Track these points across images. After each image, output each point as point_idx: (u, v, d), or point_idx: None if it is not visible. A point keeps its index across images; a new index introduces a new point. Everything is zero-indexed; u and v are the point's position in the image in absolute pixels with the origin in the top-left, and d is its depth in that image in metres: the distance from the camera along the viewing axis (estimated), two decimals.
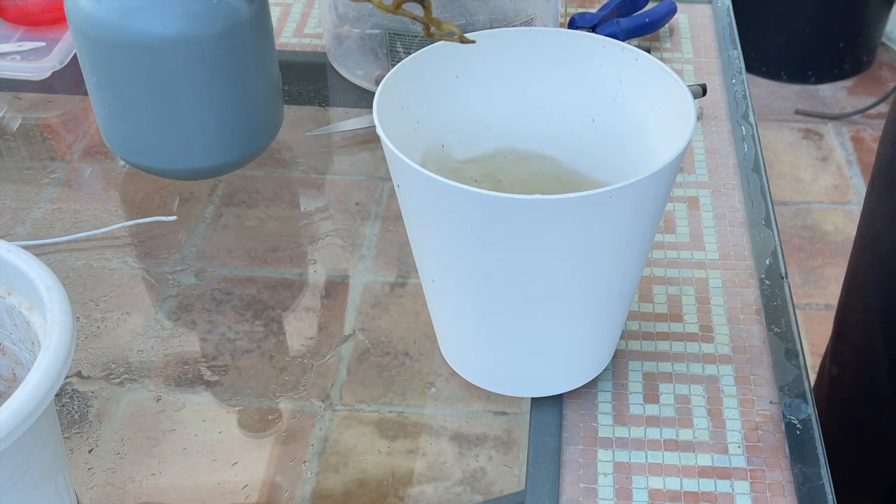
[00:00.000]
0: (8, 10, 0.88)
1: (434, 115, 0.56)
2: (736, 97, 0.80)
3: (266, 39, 0.69)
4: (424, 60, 0.54)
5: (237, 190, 0.73)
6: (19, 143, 0.78)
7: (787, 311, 0.62)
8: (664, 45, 0.87)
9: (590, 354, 0.56)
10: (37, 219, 0.71)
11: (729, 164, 0.74)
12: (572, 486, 0.53)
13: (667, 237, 0.67)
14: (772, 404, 0.57)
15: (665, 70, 0.52)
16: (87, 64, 0.66)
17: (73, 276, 0.66)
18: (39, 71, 0.83)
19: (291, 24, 0.90)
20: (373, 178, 0.74)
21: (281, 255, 0.68)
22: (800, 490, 0.53)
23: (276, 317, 0.63)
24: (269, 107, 0.71)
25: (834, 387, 0.95)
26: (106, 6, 0.63)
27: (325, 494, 0.54)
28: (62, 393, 0.59)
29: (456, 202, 0.47)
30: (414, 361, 0.60)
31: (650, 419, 0.57)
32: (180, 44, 0.63)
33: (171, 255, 0.68)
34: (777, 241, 0.67)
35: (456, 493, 0.54)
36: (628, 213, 0.48)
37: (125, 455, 0.55)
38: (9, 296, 0.48)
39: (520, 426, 0.57)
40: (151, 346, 0.62)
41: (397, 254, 0.68)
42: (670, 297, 0.63)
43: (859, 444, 0.93)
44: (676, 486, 0.53)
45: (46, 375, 0.41)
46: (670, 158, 0.47)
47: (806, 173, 2.04)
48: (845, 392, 0.93)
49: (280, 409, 0.58)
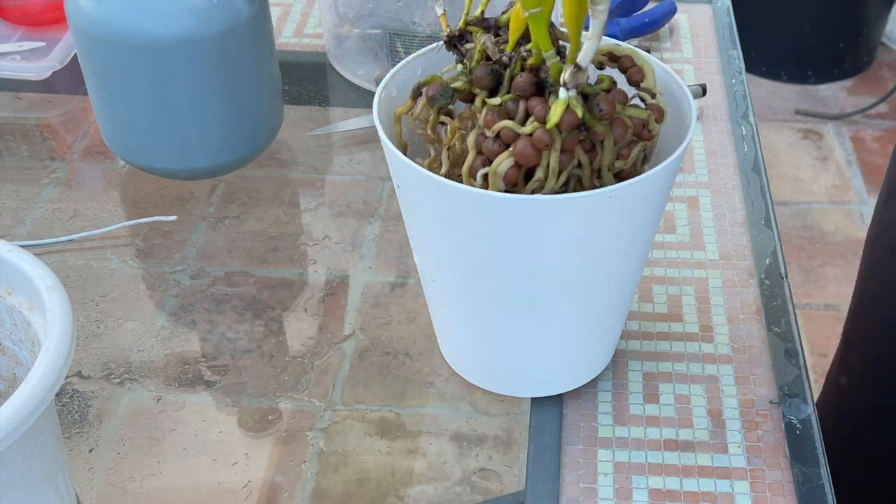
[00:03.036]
0: (8, 10, 0.88)
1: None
2: (736, 97, 0.80)
3: (266, 39, 0.69)
4: (424, 60, 0.54)
5: (237, 190, 0.73)
6: (19, 143, 0.78)
7: (787, 311, 0.62)
8: (664, 45, 0.87)
9: (590, 354, 0.56)
10: (37, 219, 0.71)
11: (729, 164, 0.74)
12: (572, 486, 0.53)
13: (667, 237, 0.67)
14: (772, 404, 0.57)
15: (665, 70, 0.52)
16: (87, 64, 0.66)
17: (73, 276, 0.66)
18: (39, 71, 0.83)
19: (291, 24, 0.90)
20: (373, 178, 0.74)
21: (281, 255, 0.68)
22: (800, 490, 0.53)
23: (276, 317, 0.63)
24: (269, 107, 0.71)
25: (842, 396, 0.95)
26: (106, 6, 0.63)
27: (325, 494, 0.54)
28: (62, 393, 0.59)
29: (456, 202, 0.47)
30: (414, 361, 0.61)
31: (650, 419, 0.57)
32: (180, 44, 0.63)
33: (171, 255, 0.68)
34: (777, 241, 0.67)
35: (456, 493, 0.54)
36: (628, 213, 0.48)
37: (125, 455, 0.55)
38: (9, 296, 0.48)
39: (520, 426, 0.57)
40: (151, 345, 0.62)
41: (397, 254, 0.68)
42: (670, 297, 0.63)
43: (868, 455, 0.93)
44: (676, 486, 0.53)
45: (46, 375, 0.41)
46: (670, 158, 0.47)
47: (806, 173, 2.04)
48: (855, 402, 0.93)
49: (280, 409, 0.58)
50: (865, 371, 0.90)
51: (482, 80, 0.48)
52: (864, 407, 0.91)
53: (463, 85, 0.49)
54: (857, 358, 0.91)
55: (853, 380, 0.92)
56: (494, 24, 0.49)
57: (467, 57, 0.50)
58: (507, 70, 0.48)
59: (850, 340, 0.92)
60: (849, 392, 0.93)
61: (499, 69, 0.48)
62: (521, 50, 0.48)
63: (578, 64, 0.44)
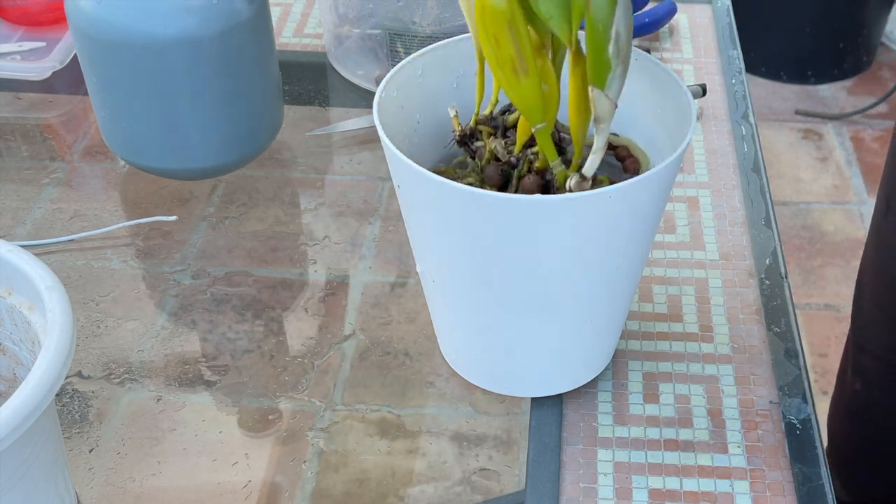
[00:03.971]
0: (8, 10, 0.88)
1: (434, 115, 0.56)
2: (736, 97, 0.80)
3: (266, 39, 0.69)
4: (424, 60, 0.54)
5: (237, 190, 0.73)
6: (19, 143, 0.78)
7: (787, 311, 0.62)
8: (664, 45, 0.87)
9: (590, 354, 0.56)
10: (37, 219, 0.71)
11: (729, 164, 0.74)
12: (572, 486, 0.53)
13: (667, 237, 0.68)
14: (772, 404, 0.57)
15: (665, 70, 0.52)
16: (87, 64, 0.66)
17: (73, 276, 0.66)
18: (39, 71, 0.83)
19: (291, 24, 0.90)
20: (373, 178, 0.74)
21: (281, 255, 0.68)
22: (800, 490, 0.53)
23: (276, 317, 0.63)
24: (269, 107, 0.71)
25: (858, 401, 0.95)
26: (106, 6, 0.63)
27: (325, 494, 0.54)
28: (62, 393, 0.59)
29: (456, 202, 0.47)
30: (414, 361, 0.61)
31: (650, 419, 0.57)
32: (180, 44, 0.63)
33: (171, 255, 0.68)
34: (777, 241, 0.67)
35: (456, 493, 0.54)
36: (628, 213, 0.48)
37: (125, 455, 0.55)
38: (9, 296, 0.48)
39: (520, 426, 0.57)
40: (151, 345, 0.62)
41: (397, 254, 0.68)
42: (670, 297, 0.63)
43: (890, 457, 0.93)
44: (676, 486, 0.53)
45: (46, 375, 0.41)
46: (670, 158, 0.47)
47: (806, 173, 2.04)
48: (872, 406, 0.93)
49: (280, 409, 0.58)
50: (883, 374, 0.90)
51: (492, 178, 0.52)
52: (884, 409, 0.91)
53: (474, 182, 0.52)
54: (874, 362, 0.91)
55: (870, 384, 0.92)
56: (503, 125, 0.53)
57: (478, 154, 0.53)
58: (516, 170, 0.51)
59: (863, 346, 0.92)
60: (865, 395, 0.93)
61: (508, 169, 0.52)
62: (528, 153, 0.51)
63: (583, 175, 0.48)
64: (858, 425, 0.96)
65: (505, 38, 0.45)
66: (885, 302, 0.87)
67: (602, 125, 0.46)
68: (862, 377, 0.93)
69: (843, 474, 0.98)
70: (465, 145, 0.54)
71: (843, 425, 0.99)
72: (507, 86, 0.47)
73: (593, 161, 0.48)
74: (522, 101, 0.47)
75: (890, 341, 0.88)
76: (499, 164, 0.52)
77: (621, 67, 0.45)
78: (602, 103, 0.46)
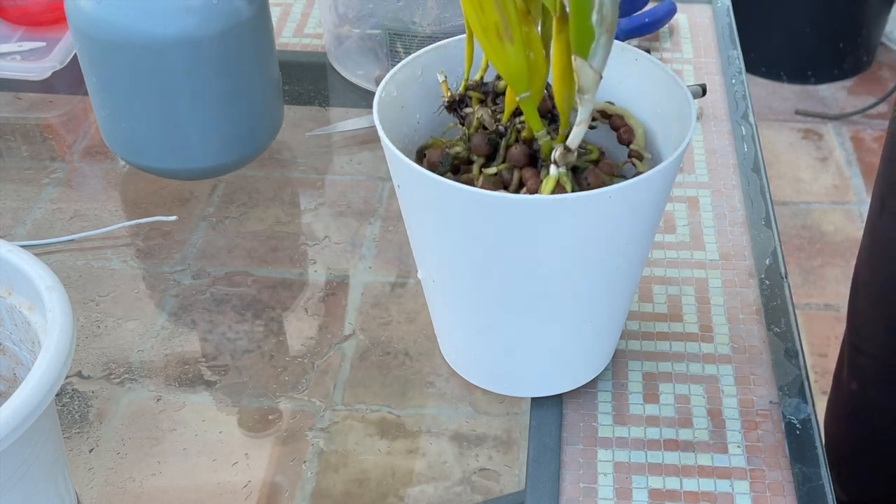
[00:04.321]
0: (8, 10, 0.88)
1: (434, 115, 0.56)
2: (736, 97, 0.80)
3: (266, 39, 0.69)
4: (424, 60, 0.54)
5: (237, 190, 0.73)
6: (19, 143, 0.78)
7: (787, 311, 0.62)
8: (664, 45, 0.87)
9: (590, 354, 0.56)
10: (37, 219, 0.71)
11: (729, 164, 0.74)
12: (572, 486, 0.53)
13: (667, 237, 0.68)
14: (772, 404, 0.57)
15: (665, 70, 0.52)
16: (87, 64, 0.66)
17: (73, 276, 0.66)
18: (39, 71, 0.83)
19: (291, 24, 0.90)
20: (373, 178, 0.74)
21: (281, 255, 0.68)
22: (800, 490, 0.53)
23: (276, 317, 0.63)
24: (269, 107, 0.71)
25: (855, 401, 0.95)
26: (106, 6, 0.63)
27: (325, 494, 0.54)
28: (62, 393, 0.59)
29: (456, 202, 0.47)
30: (414, 361, 0.61)
31: (650, 419, 0.57)
32: (180, 44, 0.63)
33: (171, 255, 0.68)
34: (777, 241, 0.67)
35: (456, 493, 0.54)
36: (628, 213, 0.48)
37: (125, 455, 0.55)
38: (9, 296, 0.48)
39: (520, 426, 0.57)
40: (151, 345, 0.62)
41: (397, 254, 0.68)
42: (670, 297, 0.63)
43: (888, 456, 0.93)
44: (676, 485, 0.53)
45: (46, 375, 0.41)
46: (670, 158, 0.47)
47: (806, 173, 2.04)
48: (869, 406, 0.93)
49: (280, 409, 0.58)
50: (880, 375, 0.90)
51: (479, 147, 0.51)
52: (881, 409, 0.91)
53: (461, 151, 0.52)
54: (871, 362, 0.91)
55: (867, 384, 0.92)
56: (493, 91, 0.52)
57: (466, 122, 0.53)
58: (503, 140, 0.51)
59: (859, 346, 0.92)
60: (862, 396, 0.93)
61: (495, 138, 0.51)
62: (515, 121, 0.50)
63: (568, 146, 0.47)
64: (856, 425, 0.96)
65: (489, 3, 0.44)
66: (881, 302, 0.87)
67: (586, 96, 0.45)
68: (858, 377, 0.93)
69: (842, 474, 0.98)
70: (454, 111, 0.53)
71: (840, 426, 0.99)
72: (492, 53, 0.45)
73: (577, 133, 0.46)
74: (507, 68, 0.46)
75: (886, 341, 0.88)
76: (486, 132, 0.51)
77: (605, 36, 0.43)
78: (585, 73, 0.44)
